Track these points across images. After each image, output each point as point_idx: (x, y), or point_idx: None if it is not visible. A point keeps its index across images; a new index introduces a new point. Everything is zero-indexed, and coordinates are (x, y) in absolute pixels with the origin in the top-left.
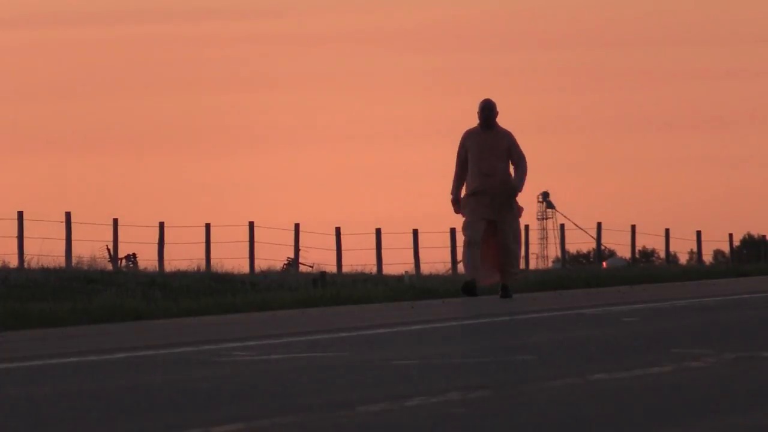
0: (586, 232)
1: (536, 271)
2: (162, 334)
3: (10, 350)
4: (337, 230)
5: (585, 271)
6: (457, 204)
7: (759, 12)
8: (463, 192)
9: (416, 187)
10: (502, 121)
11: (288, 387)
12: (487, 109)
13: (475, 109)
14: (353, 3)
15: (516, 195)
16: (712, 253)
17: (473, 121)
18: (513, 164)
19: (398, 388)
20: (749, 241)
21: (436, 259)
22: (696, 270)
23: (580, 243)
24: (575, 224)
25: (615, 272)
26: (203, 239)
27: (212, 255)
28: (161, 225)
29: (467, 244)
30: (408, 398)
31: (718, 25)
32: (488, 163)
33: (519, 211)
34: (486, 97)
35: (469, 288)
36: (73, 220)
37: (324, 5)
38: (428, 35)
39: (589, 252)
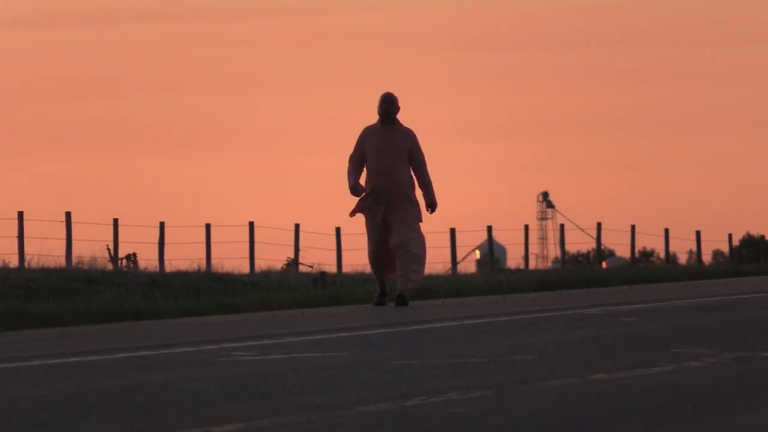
0: (585, 233)
1: (536, 271)
2: (162, 334)
3: (10, 350)
4: (337, 230)
5: (585, 271)
6: (355, 190)
7: (759, 12)
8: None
9: None
10: (509, 120)
11: (288, 387)
12: (387, 102)
13: (475, 109)
14: (357, 3)
15: (434, 208)
16: (711, 253)
17: (472, 121)
18: (413, 168)
19: (398, 388)
20: (748, 241)
21: (436, 260)
22: (696, 270)
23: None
24: (575, 224)
25: (615, 272)
26: (203, 239)
27: (212, 255)
28: (161, 225)
29: (369, 253)
30: (408, 398)
31: (718, 25)
32: (385, 162)
33: (419, 213)
34: (387, 91)
35: (379, 300)
36: (73, 220)
37: (326, 5)
38: (429, 36)
39: (588, 252)
